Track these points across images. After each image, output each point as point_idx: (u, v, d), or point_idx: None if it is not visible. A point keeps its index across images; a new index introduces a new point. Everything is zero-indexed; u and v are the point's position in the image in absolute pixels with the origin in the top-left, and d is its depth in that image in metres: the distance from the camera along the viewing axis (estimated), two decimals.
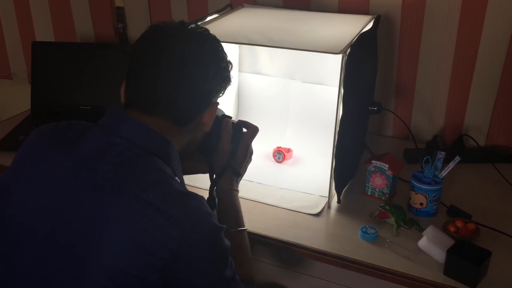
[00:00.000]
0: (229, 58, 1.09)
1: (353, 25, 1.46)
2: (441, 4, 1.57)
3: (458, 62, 1.61)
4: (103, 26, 2.08)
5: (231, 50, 1.30)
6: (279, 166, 1.59)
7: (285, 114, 1.69)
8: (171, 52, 0.99)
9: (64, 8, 2.09)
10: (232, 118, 1.26)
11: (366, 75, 1.47)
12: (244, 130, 1.27)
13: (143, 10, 2.00)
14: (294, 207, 1.36)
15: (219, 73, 1.05)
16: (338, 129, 1.27)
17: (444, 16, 1.58)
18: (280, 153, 1.59)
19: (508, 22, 1.52)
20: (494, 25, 1.53)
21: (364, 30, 1.41)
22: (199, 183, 1.39)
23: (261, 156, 1.61)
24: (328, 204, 1.37)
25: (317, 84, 1.61)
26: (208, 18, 1.53)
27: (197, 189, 1.38)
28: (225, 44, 1.10)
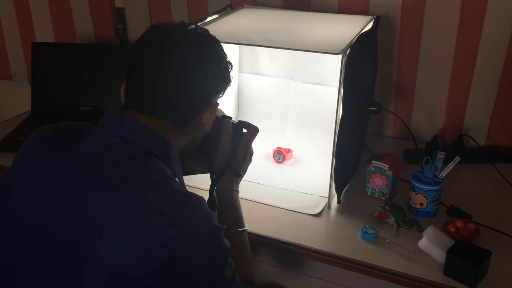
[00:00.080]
0: (229, 58, 1.09)
1: (353, 26, 1.46)
2: (441, 4, 1.57)
3: (458, 62, 1.61)
4: (103, 26, 2.08)
5: (231, 51, 1.30)
6: (279, 167, 1.59)
7: (285, 115, 1.69)
8: (171, 53, 0.99)
9: (64, 8, 2.10)
10: (232, 119, 1.26)
11: (366, 75, 1.47)
12: (244, 130, 1.26)
13: (143, 11, 2.00)
14: (294, 208, 1.36)
15: (219, 74, 1.05)
16: (338, 129, 1.27)
17: (444, 16, 1.58)
18: (280, 154, 1.59)
19: (508, 22, 1.52)
20: (494, 25, 1.53)
21: (364, 31, 1.41)
22: (199, 183, 1.39)
23: (261, 156, 1.61)
24: (328, 205, 1.37)
25: (317, 85, 1.61)
26: (208, 19, 1.53)
27: (197, 190, 1.38)
28: (225, 44, 1.10)
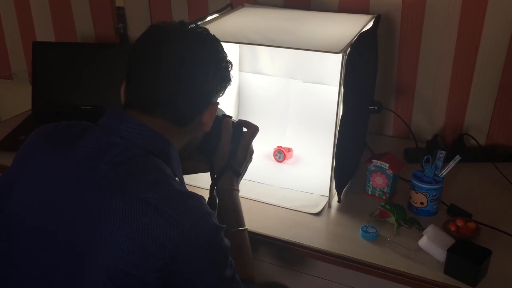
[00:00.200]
0: (229, 58, 1.09)
1: (353, 25, 1.46)
2: (442, 3, 1.57)
3: (458, 61, 1.61)
4: (104, 26, 2.08)
5: (231, 50, 1.30)
6: (280, 166, 1.59)
7: (286, 114, 1.69)
8: (171, 52, 0.99)
9: (65, 8, 2.09)
10: (232, 118, 1.26)
11: (367, 74, 1.47)
12: (245, 129, 1.26)
13: (143, 10, 2.00)
14: (294, 207, 1.36)
15: (219, 73, 1.05)
16: (338, 129, 1.27)
17: (445, 16, 1.58)
18: (281, 153, 1.59)
19: (508, 22, 1.51)
20: (494, 25, 1.53)
21: (364, 30, 1.41)
22: (199, 182, 1.39)
23: (261, 155, 1.61)
24: (329, 204, 1.37)
25: (317, 84, 1.61)
26: (208, 18, 1.53)
27: (197, 189, 1.38)
28: (225, 44, 1.10)
